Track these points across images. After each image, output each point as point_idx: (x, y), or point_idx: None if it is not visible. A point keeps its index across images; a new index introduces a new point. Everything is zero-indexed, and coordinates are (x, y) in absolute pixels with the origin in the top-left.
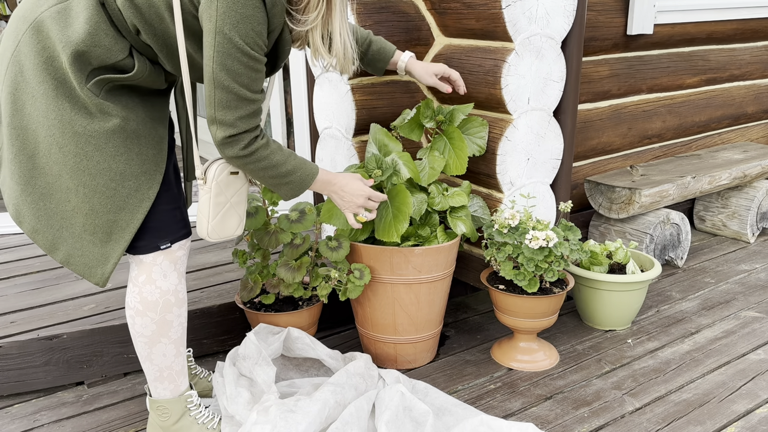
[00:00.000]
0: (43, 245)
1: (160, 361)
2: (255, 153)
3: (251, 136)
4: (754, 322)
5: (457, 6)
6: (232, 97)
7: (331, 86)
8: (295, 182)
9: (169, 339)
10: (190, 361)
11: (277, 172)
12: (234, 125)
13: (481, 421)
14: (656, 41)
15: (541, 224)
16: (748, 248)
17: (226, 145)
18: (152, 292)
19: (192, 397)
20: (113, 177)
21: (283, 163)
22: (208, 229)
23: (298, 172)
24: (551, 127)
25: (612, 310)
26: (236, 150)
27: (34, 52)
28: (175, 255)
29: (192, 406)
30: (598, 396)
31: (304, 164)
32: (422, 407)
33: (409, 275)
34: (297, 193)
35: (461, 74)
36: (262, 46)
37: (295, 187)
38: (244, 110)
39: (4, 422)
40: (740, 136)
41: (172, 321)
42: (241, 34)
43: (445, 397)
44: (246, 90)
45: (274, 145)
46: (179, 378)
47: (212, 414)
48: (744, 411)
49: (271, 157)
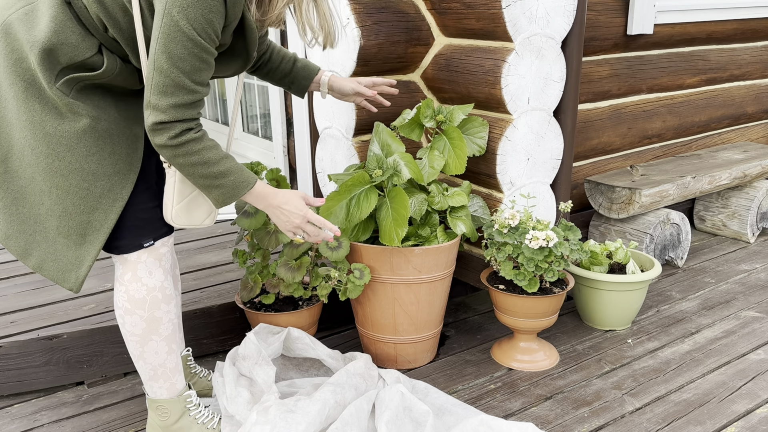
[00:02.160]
0: (16, 251)
1: (153, 359)
2: (185, 145)
3: (183, 127)
4: (754, 322)
5: (457, 6)
6: (169, 82)
7: None
8: (227, 186)
9: (160, 336)
10: (190, 361)
11: (207, 171)
12: (166, 112)
13: (481, 421)
14: (656, 41)
15: (541, 224)
16: (748, 248)
17: (155, 131)
18: (139, 289)
19: (191, 396)
20: (85, 177)
21: (215, 162)
22: (171, 213)
23: (232, 176)
24: (551, 127)
25: (612, 310)
26: (164, 138)
27: (3, 54)
28: (159, 252)
29: (191, 406)
30: (598, 396)
31: (240, 170)
32: (422, 407)
33: (409, 275)
34: (228, 200)
35: (461, 74)
36: (212, 36)
37: (226, 192)
38: (180, 98)
39: (4, 422)
40: (740, 136)
41: (161, 318)
42: (189, 19)
43: (445, 397)
44: (186, 78)
45: (210, 142)
46: (174, 376)
47: (212, 414)
48: (744, 411)
49: (202, 152)
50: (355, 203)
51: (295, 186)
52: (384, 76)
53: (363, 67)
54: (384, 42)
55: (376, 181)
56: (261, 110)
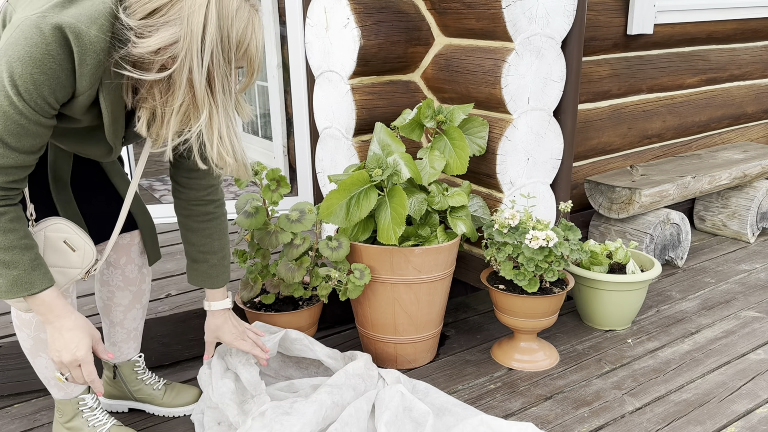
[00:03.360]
0: None
1: (43, 372)
2: None
3: None
4: (754, 322)
5: (457, 6)
6: None
7: (331, 86)
8: (8, 278)
9: (47, 356)
10: (138, 367)
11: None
12: None
13: (480, 420)
14: (656, 41)
15: (541, 224)
16: (748, 248)
17: None
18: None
19: (86, 400)
20: None
21: (2, 249)
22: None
23: (15, 270)
24: (551, 126)
25: (612, 310)
26: None
27: None
28: None
29: (85, 409)
30: (598, 396)
31: (30, 270)
32: (422, 407)
33: (409, 275)
34: (5, 293)
35: (461, 74)
36: (38, 102)
37: (2, 284)
38: None
39: (4, 422)
40: (740, 135)
41: (47, 339)
42: (13, 73)
43: (445, 397)
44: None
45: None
46: (68, 387)
47: (105, 420)
48: (744, 411)
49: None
50: (354, 203)
51: (295, 186)
52: (384, 76)
53: (363, 67)
54: (384, 42)
55: (375, 181)
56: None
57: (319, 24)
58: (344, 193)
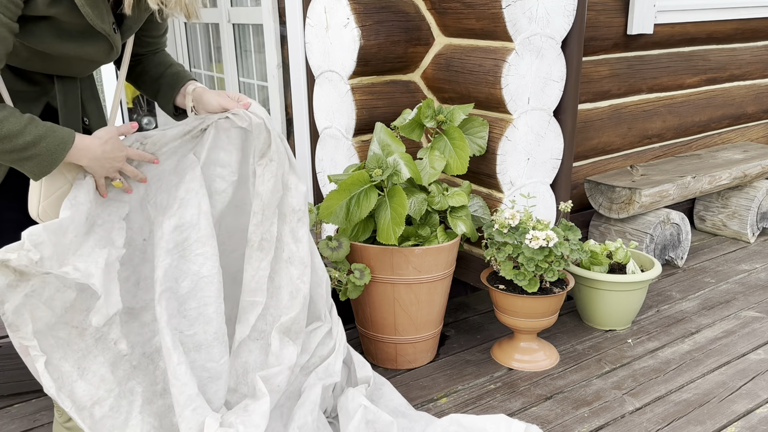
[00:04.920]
0: None
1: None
2: None
3: None
4: (754, 322)
5: (457, 6)
6: None
7: (331, 86)
8: (42, 155)
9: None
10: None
11: (12, 146)
12: None
13: (451, 420)
14: (656, 41)
15: (542, 224)
16: (748, 248)
17: None
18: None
19: None
20: None
21: (17, 134)
22: (38, 210)
23: (44, 141)
24: (551, 126)
25: (612, 310)
26: None
27: None
28: None
29: None
30: (598, 396)
31: (51, 131)
32: (386, 418)
33: (409, 275)
34: (47, 169)
35: (461, 74)
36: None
37: (43, 161)
38: None
39: (4, 422)
40: (740, 135)
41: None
42: None
43: (399, 400)
44: None
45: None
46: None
47: None
48: (744, 411)
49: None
50: (355, 203)
51: None
52: (384, 76)
53: (363, 67)
54: (384, 42)
55: (375, 181)
56: None
57: (319, 24)
58: (344, 193)
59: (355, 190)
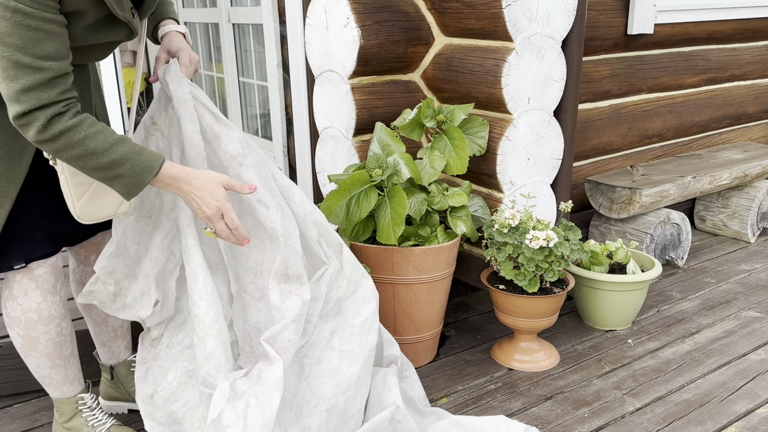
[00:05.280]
0: None
1: (37, 371)
2: (60, 137)
3: (48, 114)
4: (754, 322)
5: (457, 5)
6: (6, 64)
7: (331, 86)
8: (127, 176)
9: (39, 354)
10: (134, 367)
11: (98, 163)
12: (19, 100)
13: (450, 421)
14: (656, 41)
15: (542, 224)
16: (748, 248)
17: (19, 126)
18: (14, 308)
19: (85, 399)
20: None
21: (104, 152)
22: (76, 212)
23: (128, 163)
24: (551, 126)
25: (612, 310)
26: (33, 133)
27: None
28: (35, 273)
29: (84, 408)
30: (598, 396)
31: (138, 154)
32: (411, 425)
33: (409, 275)
34: (134, 190)
35: (461, 74)
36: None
37: (128, 182)
38: (27, 80)
39: (4, 422)
40: (741, 135)
41: (38, 338)
42: None
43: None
44: (22, 54)
45: (92, 128)
46: (63, 386)
47: (104, 419)
48: (744, 411)
49: (85, 143)
50: (354, 202)
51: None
52: (384, 75)
53: (363, 67)
54: (384, 42)
55: (375, 181)
56: (261, 110)
57: (319, 24)
58: (344, 193)
59: (355, 190)
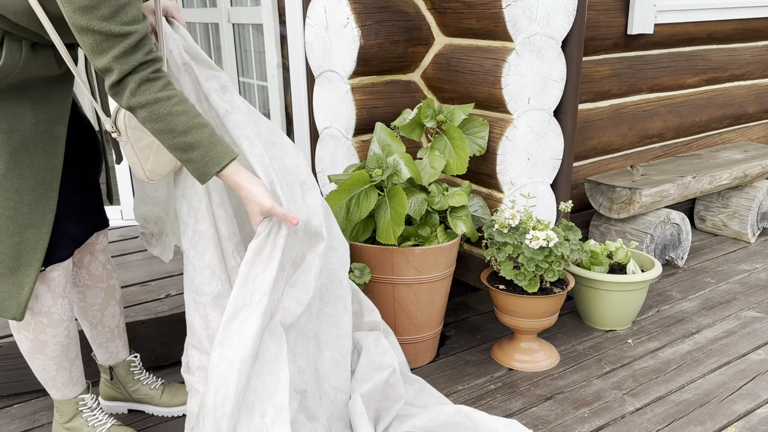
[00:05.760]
0: None
1: (42, 374)
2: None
3: (137, 80)
4: (754, 322)
5: (457, 5)
6: (98, 38)
7: (331, 86)
8: (197, 162)
9: (46, 356)
10: (134, 367)
11: (174, 142)
12: (112, 69)
13: (458, 410)
14: (657, 41)
15: (542, 224)
16: (748, 248)
17: (114, 95)
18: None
19: (85, 400)
20: (9, 196)
21: (182, 132)
22: (146, 174)
23: (200, 149)
24: (551, 126)
25: (612, 310)
26: (125, 98)
27: None
28: (48, 276)
29: (85, 409)
30: (598, 396)
31: (212, 145)
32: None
33: (409, 275)
34: (201, 178)
35: (461, 74)
36: None
37: (197, 168)
38: (119, 48)
39: (4, 422)
40: (741, 135)
41: (47, 341)
42: None
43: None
44: (110, 23)
45: (178, 107)
46: (66, 387)
47: (105, 420)
48: (744, 411)
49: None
50: (354, 203)
51: None
52: (384, 75)
53: (363, 67)
54: (384, 42)
55: (375, 181)
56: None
57: (319, 24)
58: (344, 194)
59: (355, 190)
